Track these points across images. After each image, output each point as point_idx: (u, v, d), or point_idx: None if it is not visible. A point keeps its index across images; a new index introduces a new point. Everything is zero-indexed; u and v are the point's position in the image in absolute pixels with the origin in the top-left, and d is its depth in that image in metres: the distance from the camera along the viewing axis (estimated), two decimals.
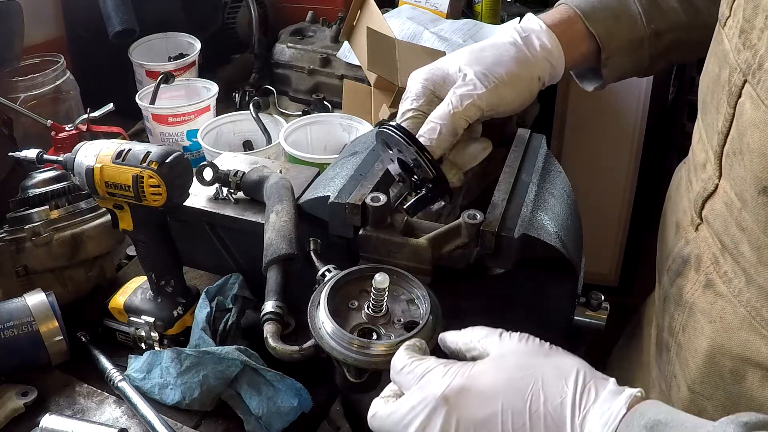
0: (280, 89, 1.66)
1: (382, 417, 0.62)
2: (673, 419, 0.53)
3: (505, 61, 0.80)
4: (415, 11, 1.69)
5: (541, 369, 0.59)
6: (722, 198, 0.68)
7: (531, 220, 0.80)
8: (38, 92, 1.33)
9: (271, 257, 0.80)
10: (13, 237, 0.97)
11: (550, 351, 0.61)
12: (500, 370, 0.59)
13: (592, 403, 0.56)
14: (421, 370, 0.61)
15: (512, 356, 0.61)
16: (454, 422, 0.57)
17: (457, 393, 0.58)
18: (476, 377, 0.59)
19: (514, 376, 0.58)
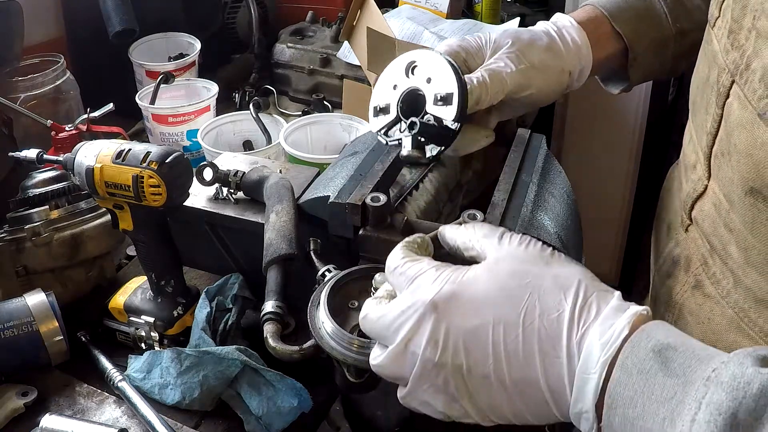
0: (280, 89, 1.67)
1: (372, 319, 0.59)
2: (683, 344, 0.49)
3: (538, 48, 0.80)
4: (415, 11, 1.69)
5: (539, 279, 0.55)
6: (711, 199, 0.68)
7: (531, 220, 0.80)
8: (38, 92, 1.33)
9: (271, 257, 0.80)
10: (13, 237, 0.97)
11: (550, 258, 0.57)
12: (494, 277, 0.56)
13: (592, 319, 0.52)
14: (413, 272, 0.58)
15: (508, 262, 0.57)
16: (443, 330, 0.54)
17: (447, 300, 0.55)
18: (468, 284, 0.56)
19: (508, 285, 0.55)
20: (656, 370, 0.48)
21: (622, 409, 0.48)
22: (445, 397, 0.56)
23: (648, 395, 0.48)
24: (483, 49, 0.80)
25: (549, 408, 0.53)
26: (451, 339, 0.54)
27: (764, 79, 0.57)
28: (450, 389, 0.55)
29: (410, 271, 0.58)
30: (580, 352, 0.51)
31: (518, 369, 0.53)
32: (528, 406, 0.54)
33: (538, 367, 0.52)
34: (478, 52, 0.80)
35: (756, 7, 0.58)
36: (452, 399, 0.56)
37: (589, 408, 0.50)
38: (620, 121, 2.12)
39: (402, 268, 0.59)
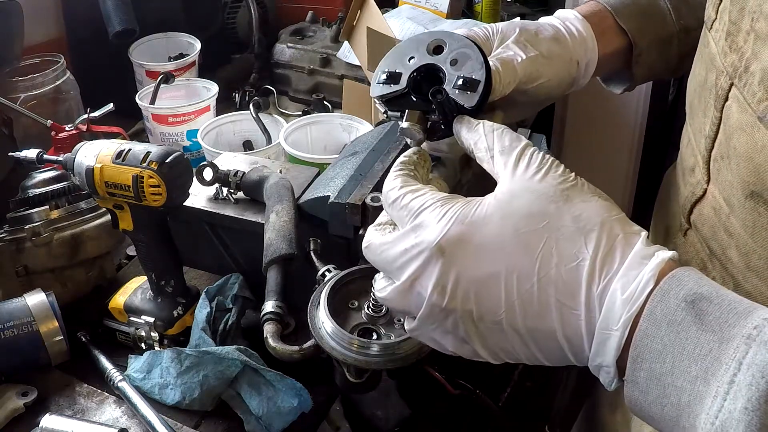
0: (280, 89, 1.67)
1: (374, 250, 0.55)
2: (718, 295, 0.45)
3: (545, 38, 0.78)
4: (415, 11, 1.69)
5: (557, 220, 0.50)
6: (710, 203, 0.67)
7: None
8: (38, 92, 1.33)
9: (271, 257, 0.80)
10: (13, 237, 0.97)
11: (572, 190, 0.52)
12: (507, 218, 0.51)
13: (615, 269, 0.48)
14: (415, 205, 0.53)
15: (524, 199, 0.51)
16: (451, 277, 0.50)
17: (454, 243, 0.51)
18: (478, 226, 0.51)
19: (522, 229, 0.50)
20: (689, 323, 0.44)
21: (648, 363, 0.45)
22: (454, 339, 0.53)
23: (679, 350, 0.44)
24: (490, 40, 0.78)
25: (565, 355, 0.50)
26: (461, 286, 0.50)
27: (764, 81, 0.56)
28: (459, 332, 0.52)
29: (413, 204, 0.54)
30: (601, 306, 0.48)
31: (533, 319, 0.49)
32: (543, 353, 0.51)
33: (555, 319, 0.49)
34: (486, 42, 0.78)
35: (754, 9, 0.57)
36: (462, 341, 0.53)
37: (610, 363, 0.47)
38: (620, 121, 2.12)
39: (403, 201, 0.54)
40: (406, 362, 0.67)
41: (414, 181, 0.57)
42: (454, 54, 0.68)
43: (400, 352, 0.67)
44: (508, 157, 0.55)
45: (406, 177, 0.57)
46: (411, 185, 0.56)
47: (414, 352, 0.68)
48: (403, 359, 0.67)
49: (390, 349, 0.67)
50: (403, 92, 0.70)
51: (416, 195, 0.54)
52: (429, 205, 0.53)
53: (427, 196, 0.54)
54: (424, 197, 0.54)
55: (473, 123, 0.59)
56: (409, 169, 0.58)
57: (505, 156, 0.55)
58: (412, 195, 0.54)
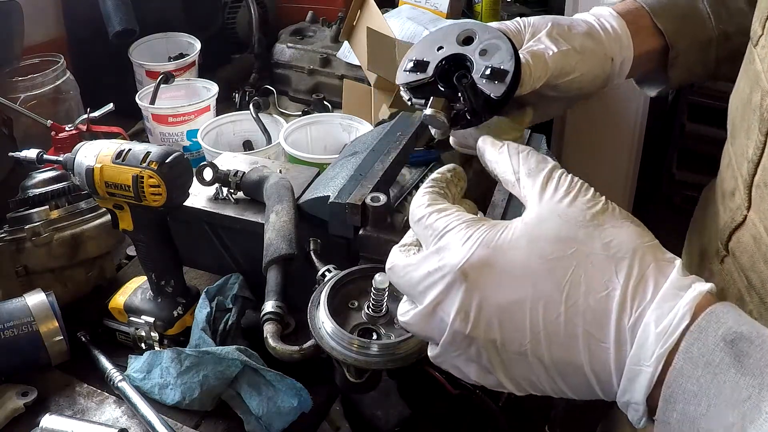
0: (280, 89, 1.67)
1: (398, 272, 0.53)
2: (759, 335, 0.42)
3: (578, 32, 0.75)
4: (415, 11, 1.69)
5: (587, 246, 0.48)
6: (750, 231, 0.63)
7: None
8: (38, 92, 1.33)
9: (271, 257, 0.80)
10: (13, 237, 0.97)
11: (602, 215, 0.50)
12: (534, 244, 0.49)
13: (648, 300, 0.45)
14: (440, 226, 0.52)
15: (552, 224, 0.49)
16: (474, 303, 0.48)
17: (479, 268, 0.49)
18: (503, 250, 0.49)
19: (550, 255, 0.48)
20: (728, 364, 0.42)
21: (682, 404, 0.43)
22: (477, 367, 0.51)
23: (716, 393, 0.42)
24: (521, 33, 0.75)
25: (593, 390, 0.48)
26: (484, 313, 0.49)
27: None
28: (483, 361, 0.50)
29: (438, 224, 0.52)
30: (632, 340, 0.45)
31: (559, 351, 0.47)
32: (569, 386, 0.49)
33: (582, 352, 0.47)
34: (517, 35, 0.75)
35: None
36: (485, 370, 0.51)
37: (639, 400, 0.45)
38: (620, 121, 2.12)
39: (428, 220, 0.53)
40: (406, 362, 0.67)
41: (442, 200, 0.55)
42: (484, 44, 0.66)
43: (400, 352, 0.67)
44: (534, 180, 0.53)
45: (435, 195, 0.55)
46: (438, 204, 0.54)
47: (414, 352, 0.68)
48: (403, 359, 0.67)
49: (390, 349, 0.67)
50: (430, 81, 0.68)
51: (442, 215, 0.52)
52: (454, 226, 0.51)
53: (452, 217, 0.52)
54: (449, 218, 0.52)
55: (497, 144, 0.57)
56: (440, 186, 0.56)
57: (531, 179, 0.53)
58: (438, 215, 0.53)
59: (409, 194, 0.84)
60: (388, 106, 1.32)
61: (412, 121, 1.05)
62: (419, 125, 1.04)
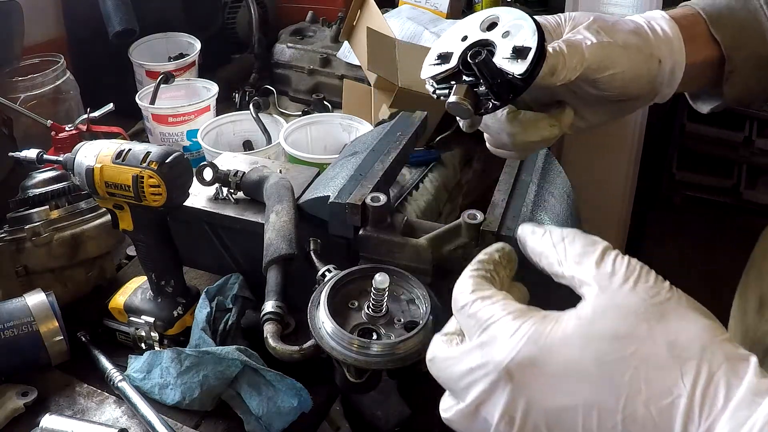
0: (280, 89, 1.67)
1: (438, 365, 0.50)
2: None
3: (622, 30, 0.69)
4: (415, 11, 1.69)
5: (648, 346, 0.42)
6: None
7: (531, 220, 0.80)
8: (38, 92, 1.33)
9: (271, 257, 0.80)
10: (13, 237, 0.97)
11: (666, 305, 0.44)
12: (589, 342, 0.44)
13: (719, 410, 0.40)
14: (484, 316, 0.47)
15: (609, 318, 0.44)
16: (521, 407, 0.44)
17: (525, 368, 0.44)
18: (554, 349, 0.44)
19: (606, 355, 0.43)
20: None
21: None
22: None
23: None
24: (561, 26, 0.71)
25: None
26: (531, 418, 0.44)
27: None
28: None
29: (482, 314, 0.47)
30: None
31: None
32: None
33: None
34: (557, 28, 0.71)
35: None
36: None
37: None
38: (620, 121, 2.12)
39: (472, 308, 0.48)
40: (406, 362, 0.67)
41: (488, 285, 0.50)
42: (507, 27, 0.64)
43: (400, 352, 0.67)
44: (585, 267, 0.47)
45: (481, 279, 0.50)
46: (483, 290, 0.49)
47: (414, 352, 0.68)
48: (403, 359, 0.67)
49: (390, 349, 0.67)
50: (454, 71, 0.66)
51: (486, 303, 0.48)
52: (500, 317, 0.47)
53: (498, 306, 0.47)
54: (494, 307, 0.47)
55: (539, 232, 0.52)
56: (487, 269, 0.51)
57: (581, 267, 0.48)
58: (482, 303, 0.48)
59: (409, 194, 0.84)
60: (388, 106, 1.32)
61: (412, 121, 1.05)
62: (419, 125, 1.04)
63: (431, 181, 1.35)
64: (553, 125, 0.71)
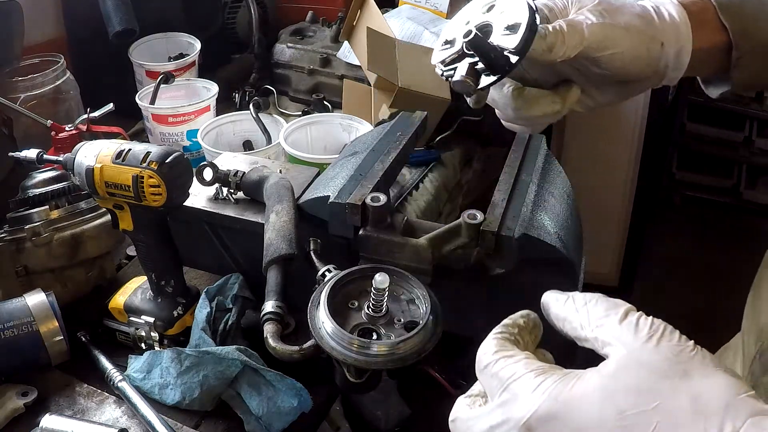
0: (280, 89, 1.67)
1: (460, 426, 0.50)
2: None
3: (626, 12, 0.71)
4: (415, 11, 1.69)
5: (671, 401, 0.42)
6: None
7: (531, 220, 0.80)
8: (38, 92, 1.33)
9: (271, 257, 0.80)
10: (13, 237, 0.97)
11: (690, 362, 0.44)
12: (610, 396, 0.43)
13: None
14: (506, 375, 0.48)
15: (632, 374, 0.44)
16: None
17: (545, 422, 0.44)
18: (574, 404, 0.44)
19: (627, 410, 0.42)
20: None
21: None
22: None
23: None
24: (567, 8, 0.72)
25: None
26: None
27: None
28: None
29: (504, 372, 0.48)
30: None
31: None
32: None
33: None
34: (563, 10, 0.72)
35: None
36: None
37: None
38: (620, 120, 2.12)
39: (494, 368, 0.48)
40: (406, 362, 0.67)
41: (511, 347, 0.50)
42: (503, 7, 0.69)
43: (400, 352, 0.67)
44: (608, 328, 0.47)
45: (504, 341, 0.51)
46: (506, 351, 0.49)
47: (414, 352, 0.68)
48: (403, 359, 0.67)
49: (390, 349, 0.67)
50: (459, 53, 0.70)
51: (509, 362, 0.48)
52: (521, 375, 0.47)
53: (520, 365, 0.47)
54: (517, 365, 0.48)
55: (562, 298, 0.51)
56: (511, 332, 0.52)
57: (604, 328, 0.47)
58: (505, 362, 0.48)
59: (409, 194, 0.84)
60: (388, 106, 1.32)
61: (412, 121, 1.05)
62: (419, 125, 1.04)
63: (431, 181, 1.35)
64: (555, 102, 0.73)
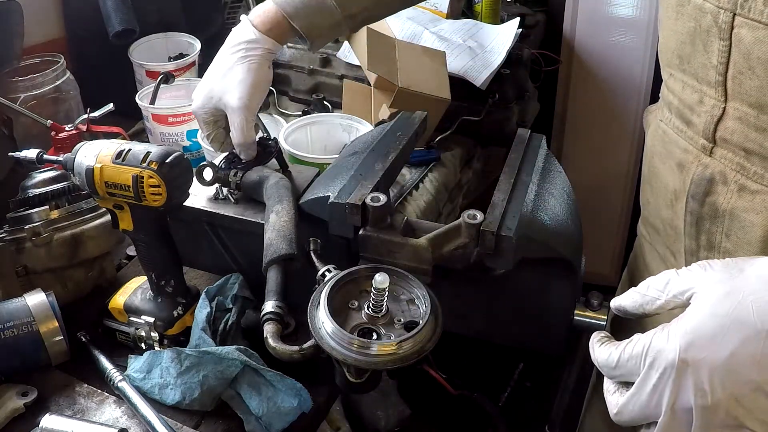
0: (280, 89, 1.66)
1: (624, 411, 0.62)
2: None
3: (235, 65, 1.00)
4: (415, 11, 1.69)
5: (748, 285, 0.58)
6: (733, 115, 0.79)
7: (531, 220, 0.80)
8: (38, 92, 1.33)
9: (271, 257, 0.80)
10: (13, 237, 0.97)
11: (743, 263, 0.61)
12: (715, 306, 0.58)
13: None
14: (639, 349, 0.60)
15: (714, 287, 0.60)
16: (705, 377, 0.57)
17: (688, 349, 0.57)
18: (699, 326, 0.58)
19: (728, 310, 0.57)
20: None
21: None
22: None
23: None
24: None
25: None
26: (716, 380, 0.56)
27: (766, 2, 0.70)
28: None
29: (636, 349, 0.61)
30: None
31: None
32: None
33: None
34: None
35: None
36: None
37: None
38: (620, 121, 2.12)
39: (626, 354, 0.62)
40: (406, 362, 0.67)
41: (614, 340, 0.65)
42: None
43: (400, 352, 0.67)
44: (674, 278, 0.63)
45: (607, 340, 0.65)
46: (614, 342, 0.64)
47: (414, 352, 0.68)
48: (403, 359, 0.67)
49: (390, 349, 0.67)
50: None
51: (631, 343, 0.62)
52: (651, 337, 0.60)
53: (639, 338, 0.61)
54: (638, 340, 0.61)
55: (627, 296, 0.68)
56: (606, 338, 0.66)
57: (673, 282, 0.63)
58: (629, 345, 0.62)
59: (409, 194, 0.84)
60: (388, 106, 1.32)
61: (412, 121, 1.05)
62: (419, 125, 1.04)
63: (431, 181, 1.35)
64: None
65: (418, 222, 0.84)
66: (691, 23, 0.81)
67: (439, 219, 1.35)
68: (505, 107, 1.47)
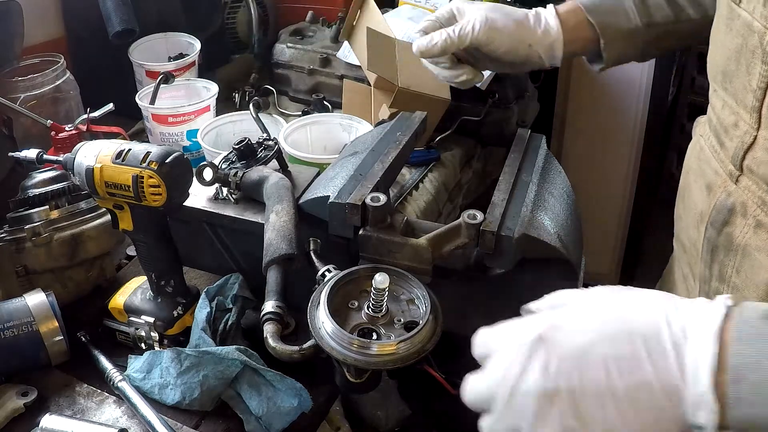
0: (280, 89, 1.67)
1: (474, 388, 0.57)
2: None
3: (509, 18, 1.03)
4: (415, 11, 1.69)
5: (624, 293, 0.57)
6: (763, 145, 0.76)
7: (531, 220, 0.80)
8: (38, 92, 1.33)
9: (271, 257, 0.80)
10: (13, 237, 0.97)
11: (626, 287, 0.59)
12: (586, 302, 0.57)
13: (687, 311, 0.52)
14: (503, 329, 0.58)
15: (593, 292, 0.58)
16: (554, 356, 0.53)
17: (548, 330, 0.54)
18: (563, 314, 0.56)
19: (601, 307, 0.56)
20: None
21: (752, 375, 0.48)
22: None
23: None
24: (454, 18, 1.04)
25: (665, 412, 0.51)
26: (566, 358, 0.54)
27: None
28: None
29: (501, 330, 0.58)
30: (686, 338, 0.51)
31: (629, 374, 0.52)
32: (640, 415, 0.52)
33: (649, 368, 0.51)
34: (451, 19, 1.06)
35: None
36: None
37: (706, 384, 0.49)
38: (620, 121, 2.12)
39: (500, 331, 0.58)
40: (406, 362, 0.67)
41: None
42: None
43: (400, 352, 0.67)
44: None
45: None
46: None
47: (414, 352, 0.68)
48: (403, 359, 0.67)
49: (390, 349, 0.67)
50: None
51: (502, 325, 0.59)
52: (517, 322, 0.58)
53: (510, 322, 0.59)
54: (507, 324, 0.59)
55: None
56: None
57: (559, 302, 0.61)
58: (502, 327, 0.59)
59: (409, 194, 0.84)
60: (388, 106, 1.32)
61: (412, 121, 1.05)
62: (419, 125, 1.04)
63: (431, 181, 1.35)
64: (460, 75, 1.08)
65: (418, 222, 0.84)
66: (738, 40, 0.78)
67: (439, 219, 1.35)
68: (505, 107, 1.47)
